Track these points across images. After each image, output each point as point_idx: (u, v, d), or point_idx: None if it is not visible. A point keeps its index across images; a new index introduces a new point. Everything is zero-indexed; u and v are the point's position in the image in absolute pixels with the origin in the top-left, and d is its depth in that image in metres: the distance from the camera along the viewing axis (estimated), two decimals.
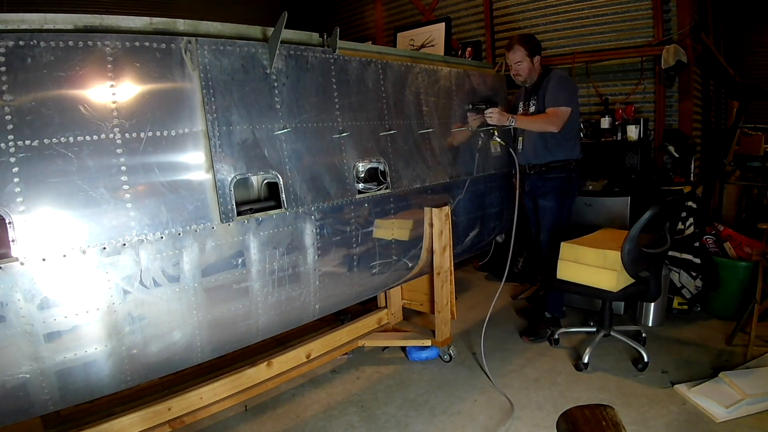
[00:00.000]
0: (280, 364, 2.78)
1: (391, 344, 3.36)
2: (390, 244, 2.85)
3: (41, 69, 1.63)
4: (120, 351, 1.85)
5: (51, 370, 1.71)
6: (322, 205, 2.43)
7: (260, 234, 2.18)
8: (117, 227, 1.79)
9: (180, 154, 1.94)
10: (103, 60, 1.75)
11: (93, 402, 2.30)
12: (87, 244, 1.73)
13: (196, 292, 2.01)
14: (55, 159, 1.66)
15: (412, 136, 2.96)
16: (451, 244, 3.08)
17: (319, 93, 2.44)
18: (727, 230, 3.78)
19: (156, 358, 1.97)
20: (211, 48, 2.01)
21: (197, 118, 1.97)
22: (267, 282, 2.24)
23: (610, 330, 3.12)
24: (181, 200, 1.94)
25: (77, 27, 1.74)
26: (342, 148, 2.53)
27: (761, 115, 5.43)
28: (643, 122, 3.99)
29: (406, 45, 6.20)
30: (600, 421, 1.30)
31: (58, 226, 1.67)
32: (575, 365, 3.05)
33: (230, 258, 2.10)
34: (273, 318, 2.32)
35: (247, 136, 2.13)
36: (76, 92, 1.70)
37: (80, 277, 1.73)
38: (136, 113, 1.82)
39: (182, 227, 1.94)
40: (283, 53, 2.26)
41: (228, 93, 2.06)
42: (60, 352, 1.72)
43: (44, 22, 1.67)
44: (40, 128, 1.63)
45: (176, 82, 1.92)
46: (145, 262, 1.86)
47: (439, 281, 3.12)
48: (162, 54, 1.88)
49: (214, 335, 2.12)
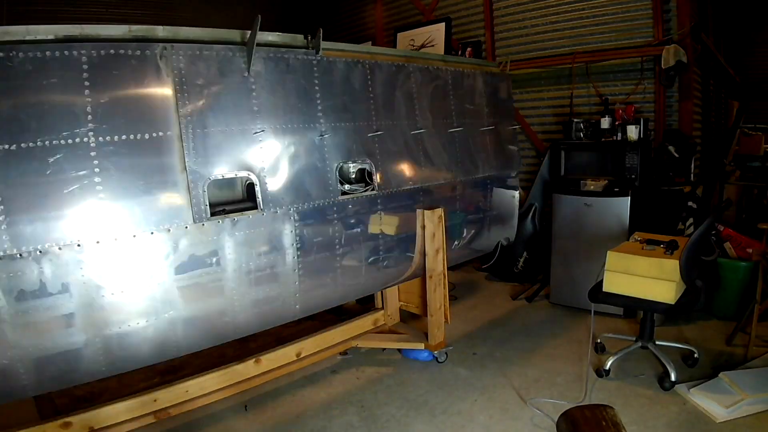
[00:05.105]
0: (269, 361, 2.82)
1: (383, 346, 3.34)
2: (378, 247, 2.83)
3: (22, 77, 1.71)
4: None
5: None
6: (302, 206, 2.44)
7: (236, 234, 2.21)
8: (93, 226, 1.87)
9: (153, 157, 1.99)
10: (80, 68, 1.82)
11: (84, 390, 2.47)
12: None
13: (168, 288, 2.06)
14: (30, 161, 1.74)
15: (403, 137, 2.92)
16: (444, 247, 3.04)
17: (300, 94, 2.44)
18: (727, 230, 3.78)
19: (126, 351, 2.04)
20: (187, 53, 2.06)
21: (171, 122, 2.02)
22: (243, 281, 2.27)
23: (649, 342, 2.95)
24: (155, 201, 2.00)
25: (58, 37, 1.81)
26: (324, 150, 2.53)
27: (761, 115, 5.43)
28: (643, 122, 3.98)
29: (407, 45, 6.20)
30: (600, 421, 1.30)
31: (32, 224, 1.75)
32: (596, 370, 2.97)
33: (204, 257, 2.13)
34: (251, 316, 2.36)
35: (221, 139, 2.17)
36: (54, 98, 1.78)
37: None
38: (111, 118, 1.89)
39: (155, 227, 1.99)
40: (263, 56, 2.29)
41: (203, 96, 2.11)
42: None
43: (26, 33, 1.75)
44: (18, 133, 1.71)
45: (151, 87, 2.00)
46: (118, 258, 1.93)
47: (432, 284, 3.06)
48: (138, 61, 1.95)
49: (188, 330, 2.17)
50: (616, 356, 2.96)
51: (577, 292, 3.81)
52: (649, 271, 2.76)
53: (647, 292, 2.77)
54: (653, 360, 3.01)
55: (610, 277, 2.88)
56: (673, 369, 2.77)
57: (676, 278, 2.70)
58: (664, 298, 2.72)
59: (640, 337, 3.00)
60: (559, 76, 4.99)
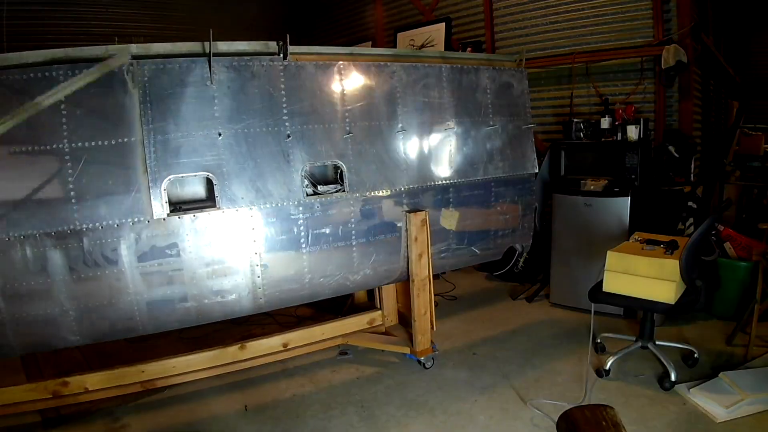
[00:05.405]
0: (254, 348, 3.01)
1: (371, 346, 3.33)
2: (351, 248, 2.85)
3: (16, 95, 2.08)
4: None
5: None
6: (263, 205, 2.59)
7: (195, 229, 2.46)
8: (64, 219, 2.21)
9: (119, 159, 2.29)
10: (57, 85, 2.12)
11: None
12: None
13: (132, 275, 2.38)
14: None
15: (381, 137, 2.90)
16: (429, 252, 3.00)
17: (265, 99, 2.57)
18: (727, 230, 3.78)
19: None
20: (151, 68, 2.32)
21: (135, 130, 2.31)
22: (203, 273, 2.51)
23: (648, 342, 2.95)
24: (120, 197, 2.30)
25: (46, 59, 2.15)
26: (288, 152, 2.63)
27: (761, 115, 5.43)
28: (643, 122, 3.97)
29: (407, 45, 6.20)
30: (600, 421, 1.30)
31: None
32: (596, 370, 2.97)
33: (164, 248, 2.42)
34: (214, 305, 2.58)
35: (181, 143, 2.40)
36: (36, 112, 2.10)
37: None
38: (81, 128, 2.22)
39: (120, 220, 2.30)
40: (226, 65, 2.47)
41: (166, 106, 2.36)
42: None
43: (20, 59, 2.10)
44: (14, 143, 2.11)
45: (118, 99, 2.28)
46: (87, 246, 2.27)
47: (416, 289, 3.00)
48: (107, 76, 2.23)
49: (153, 313, 2.46)
50: (616, 356, 2.96)
51: (577, 292, 3.80)
52: (649, 271, 2.76)
53: (647, 292, 2.76)
54: (653, 360, 3.01)
55: (610, 277, 2.88)
56: (673, 369, 2.77)
57: (676, 278, 2.70)
58: (664, 298, 2.72)
59: (640, 337, 3.00)
60: (559, 76, 4.99)
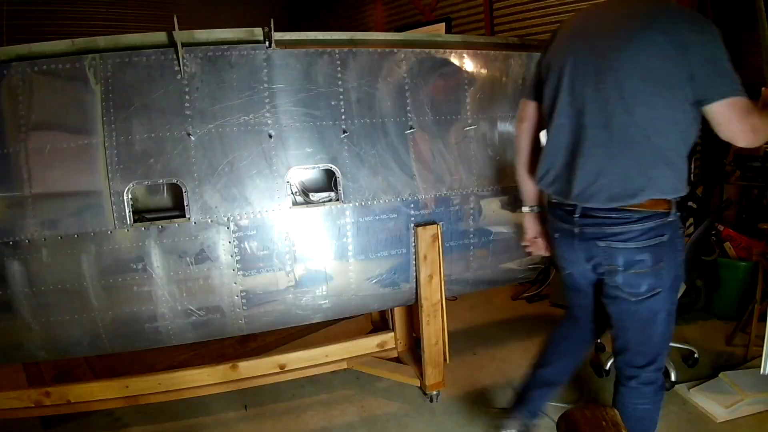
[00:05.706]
0: (246, 369, 2.71)
1: (378, 374, 2.97)
2: (346, 267, 2.45)
3: None
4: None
5: None
6: (240, 215, 2.25)
7: (163, 241, 2.18)
8: (22, 227, 2.05)
9: (79, 164, 2.10)
10: (17, 84, 2.02)
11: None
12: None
13: (93, 290, 2.15)
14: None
15: (386, 138, 2.46)
16: (441, 272, 2.54)
17: (244, 93, 2.23)
18: (727, 230, 3.78)
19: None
20: (115, 62, 2.09)
21: (96, 130, 2.10)
22: (173, 289, 2.23)
23: None
24: (80, 206, 2.10)
25: (9, 56, 2.03)
26: (272, 153, 2.27)
27: None
28: None
29: None
30: (600, 421, 1.30)
31: None
32: (596, 371, 2.95)
33: (129, 262, 2.17)
34: (186, 325, 2.30)
35: (148, 144, 2.14)
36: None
37: None
38: (42, 129, 2.07)
39: (79, 230, 2.09)
40: (199, 55, 2.17)
41: (130, 103, 2.12)
42: None
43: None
44: None
45: (79, 98, 2.09)
46: (46, 258, 2.07)
47: (425, 315, 2.54)
48: (70, 73, 2.07)
49: (118, 331, 2.24)
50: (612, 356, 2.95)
51: None
52: None
53: None
54: None
55: None
56: (673, 369, 2.76)
57: None
58: None
59: None
60: None
